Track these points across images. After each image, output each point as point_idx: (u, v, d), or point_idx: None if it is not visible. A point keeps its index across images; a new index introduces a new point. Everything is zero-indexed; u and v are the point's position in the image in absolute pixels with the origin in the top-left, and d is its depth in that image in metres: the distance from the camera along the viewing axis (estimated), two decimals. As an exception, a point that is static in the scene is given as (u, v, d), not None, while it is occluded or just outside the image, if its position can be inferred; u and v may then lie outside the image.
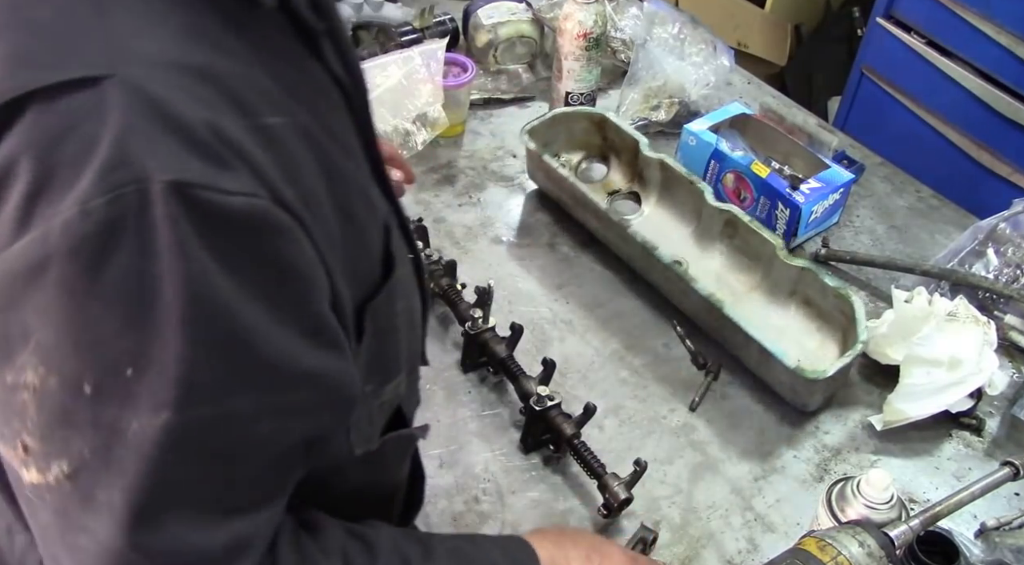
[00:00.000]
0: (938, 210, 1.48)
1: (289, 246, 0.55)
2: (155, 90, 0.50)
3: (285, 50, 0.62)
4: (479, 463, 1.10)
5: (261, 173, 0.53)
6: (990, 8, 1.95)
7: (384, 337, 0.71)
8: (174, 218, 0.49)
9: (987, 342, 1.13)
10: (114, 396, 0.52)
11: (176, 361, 0.52)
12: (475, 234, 1.39)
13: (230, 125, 0.53)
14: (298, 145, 0.58)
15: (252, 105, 0.55)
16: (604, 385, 1.19)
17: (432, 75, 1.45)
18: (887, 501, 0.92)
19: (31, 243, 0.49)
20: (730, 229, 1.30)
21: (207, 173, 0.50)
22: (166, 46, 0.53)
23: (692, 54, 1.56)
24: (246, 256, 0.53)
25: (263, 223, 0.53)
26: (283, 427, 0.60)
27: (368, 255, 0.68)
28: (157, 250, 0.49)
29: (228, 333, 0.53)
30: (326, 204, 0.60)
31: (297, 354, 0.58)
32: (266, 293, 0.54)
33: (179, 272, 0.50)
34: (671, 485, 1.09)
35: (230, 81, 0.54)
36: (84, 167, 0.48)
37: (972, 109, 2.05)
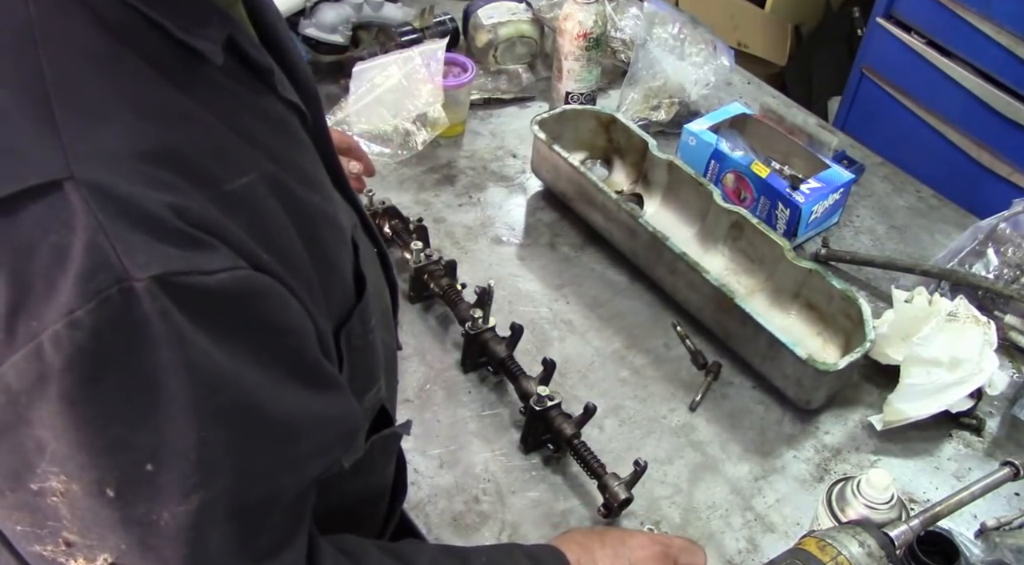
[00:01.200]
0: (938, 210, 1.48)
1: (276, 306, 0.55)
2: (116, 185, 0.49)
3: (238, 95, 0.61)
4: (479, 463, 1.10)
5: (235, 243, 0.53)
6: (990, 8, 1.95)
7: (362, 353, 0.71)
8: (164, 310, 0.49)
9: (987, 342, 1.13)
10: (139, 494, 0.53)
11: (194, 447, 0.52)
12: (475, 234, 1.39)
13: (195, 203, 0.52)
14: (265, 200, 0.58)
15: (213, 174, 0.55)
16: (604, 385, 1.19)
17: (432, 75, 1.45)
18: (887, 501, 0.92)
19: (24, 360, 0.49)
20: (736, 231, 1.30)
21: (185, 259, 0.50)
22: (118, 136, 0.52)
23: (692, 54, 1.56)
24: (239, 327, 0.53)
25: (249, 292, 0.53)
26: (300, 474, 0.62)
27: (340, 283, 0.69)
28: (153, 345, 0.49)
29: (237, 406, 0.54)
30: (298, 249, 0.61)
31: (303, 406, 0.59)
32: (264, 357, 0.55)
33: (179, 361, 0.50)
34: (671, 485, 1.09)
35: (188, 153, 0.54)
36: (61, 277, 0.48)
37: (972, 109, 2.05)
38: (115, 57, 0.53)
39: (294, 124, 0.68)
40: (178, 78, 0.56)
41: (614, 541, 0.89)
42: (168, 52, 0.55)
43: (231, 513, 0.56)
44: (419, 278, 1.24)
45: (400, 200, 1.37)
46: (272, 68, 0.64)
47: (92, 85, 0.52)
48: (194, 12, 0.57)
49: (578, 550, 0.86)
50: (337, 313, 0.68)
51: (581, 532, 0.93)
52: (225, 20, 0.59)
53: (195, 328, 0.51)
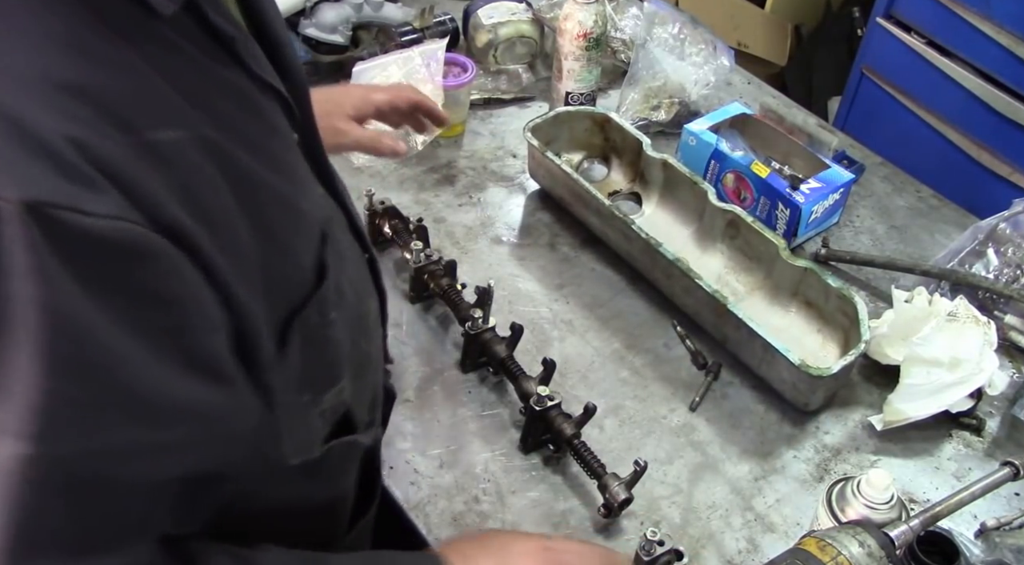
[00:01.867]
0: (938, 210, 1.48)
1: (162, 273, 0.52)
2: (12, 105, 0.47)
3: (194, 58, 0.59)
4: (479, 463, 1.10)
5: (137, 194, 0.50)
6: (990, 8, 1.95)
7: (318, 347, 0.69)
8: (30, 239, 0.46)
9: (987, 342, 1.13)
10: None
11: (38, 392, 0.49)
12: (475, 234, 1.39)
13: (102, 142, 0.50)
14: (197, 160, 0.56)
15: (136, 121, 0.52)
16: (604, 385, 1.19)
17: (432, 75, 1.45)
18: (887, 501, 0.92)
19: None
20: (732, 230, 1.30)
21: (68, 193, 0.47)
22: (34, 59, 0.50)
23: (692, 54, 1.56)
24: (112, 282, 0.50)
25: (131, 249, 0.50)
26: (156, 464, 0.58)
27: (293, 267, 0.66)
28: (12, 273, 0.47)
29: (92, 363, 0.51)
30: (236, 220, 0.58)
31: (171, 387, 0.55)
32: (135, 322, 0.52)
33: (36, 296, 0.48)
34: (671, 485, 1.09)
35: (110, 96, 0.51)
36: None
37: (972, 109, 2.05)
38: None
39: (266, 105, 0.66)
40: (122, 29, 0.54)
41: (497, 549, 0.86)
42: (116, 3, 0.54)
43: (64, 485, 0.53)
44: (419, 278, 1.24)
45: (400, 200, 1.37)
46: (235, 37, 0.62)
47: (17, 20, 0.50)
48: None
49: (460, 560, 0.83)
50: (288, 298, 0.65)
51: (467, 540, 0.90)
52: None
53: (61, 269, 0.48)
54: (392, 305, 1.27)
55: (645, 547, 0.95)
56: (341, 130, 1.16)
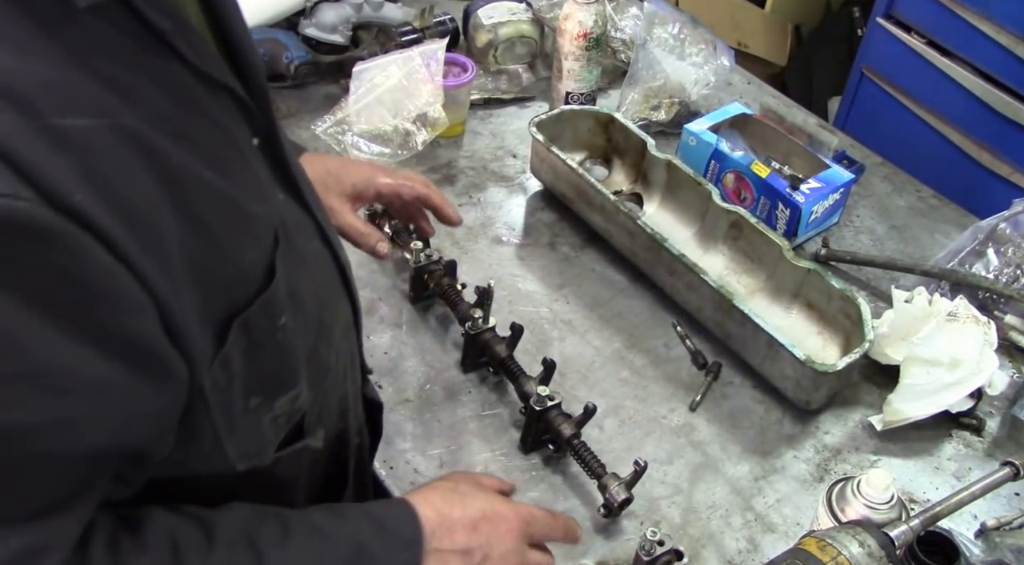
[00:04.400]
0: (938, 210, 1.48)
1: (65, 252, 0.52)
2: None
3: (122, 49, 0.59)
4: (479, 463, 1.10)
5: (36, 175, 0.51)
6: (990, 8, 1.95)
7: (264, 351, 0.68)
8: None
9: (987, 342, 1.13)
10: None
11: None
12: (475, 234, 1.39)
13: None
14: (114, 149, 0.56)
15: (42, 105, 0.52)
16: (604, 385, 1.19)
17: (432, 75, 1.45)
18: (887, 501, 0.92)
19: None
20: (735, 231, 1.30)
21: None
22: None
23: (692, 54, 1.56)
24: (9, 262, 0.51)
25: (25, 227, 0.50)
26: (71, 438, 0.58)
27: (234, 268, 0.65)
28: None
29: (6, 344, 0.52)
30: (159, 213, 0.58)
31: (81, 363, 0.56)
32: (38, 301, 0.52)
33: None
34: (671, 485, 1.09)
35: (14, 81, 0.52)
36: None
37: (972, 109, 2.05)
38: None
39: (211, 102, 0.65)
40: (39, 14, 0.54)
41: (475, 510, 0.83)
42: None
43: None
44: (419, 278, 1.24)
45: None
46: (167, 30, 0.61)
47: None
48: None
49: (434, 516, 0.80)
50: (229, 298, 0.65)
51: (441, 491, 0.85)
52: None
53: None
54: (392, 305, 1.27)
55: (645, 547, 0.95)
56: (333, 209, 1.10)
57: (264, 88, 0.72)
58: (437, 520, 0.80)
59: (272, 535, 0.71)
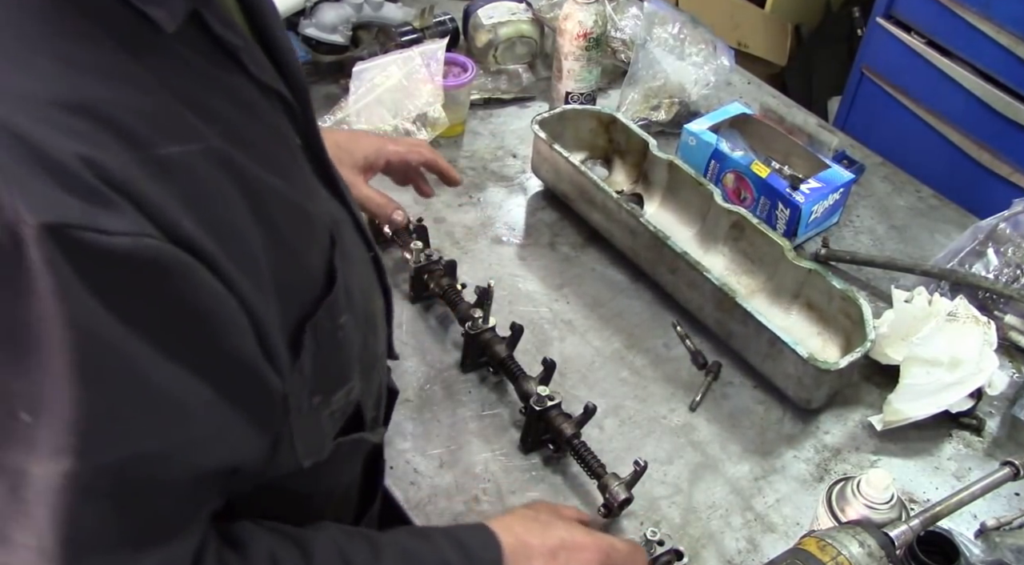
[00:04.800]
0: (938, 210, 1.48)
1: (185, 285, 0.53)
2: (25, 127, 0.48)
3: (199, 69, 0.59)
4: (479, 463, 1.10)
5: (151, 209, 0.51)
6: (990, 8, 1.95)
7: (329, 351, 0.69)
8: (52, 261, 0.47)
9: (987, 342, 1.13)
10: (13, 442, 0.51)
11: (70, 405, 0.51)
12: (475, 234, 1.39)
13: (113, 160, 0.50)
14: (208, 172, 0.56)
15: (144, 136, 0.53)
16: (604, 385, 1.19)
17: (432, 75, 1.45)
18: (887, 501, 0.92)
19: None
20: (736, 231, 1.30)
21: (86, 213, 0.48)
22: (38, 81, 0.50)
23: (692, 54, 1.56)
24: (136, 297, 0.51)
25: (153, 264, 0.51)
26: (189, 462, 0.59)
27: (304, 273, 0.67)
28: (37, 294, 0.48)
29: (122, 376, 0.52)
30: (248, 229, 0.59)
31: (200, 390, 0.57)
32: (160, 333, 0.53)
33: (62, 315, 0.48)
34: (671, 485, 1.09)
35: (116, 112, 0.52)
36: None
37: (972, 109, 2.05)
38: (55, 8, 0.52)
39: (267, 109, 0.66)
40: (129, 43, 0.54)
41: (555, 539, 0.85)
42: (121, 17, 0.54)
43: (110, 490, 0.54)
44: (419, 278, 1.24)
45: (400, 200, 1.37)
46: (239, 46, 0.62)
47: (23, 32, 0.51)
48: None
49: (514, 542, 0.81)
50: (300, 304, 0.66)
51: (523, 519, 0.87)
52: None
53: (84, 286, 0.49)
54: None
55: (645, 547, 0.95)
56: (348, 181, 1.12)
57: (305, 88, 0.73)
58: (516, 546, 0.82)
59: (364, 556, 0.73)
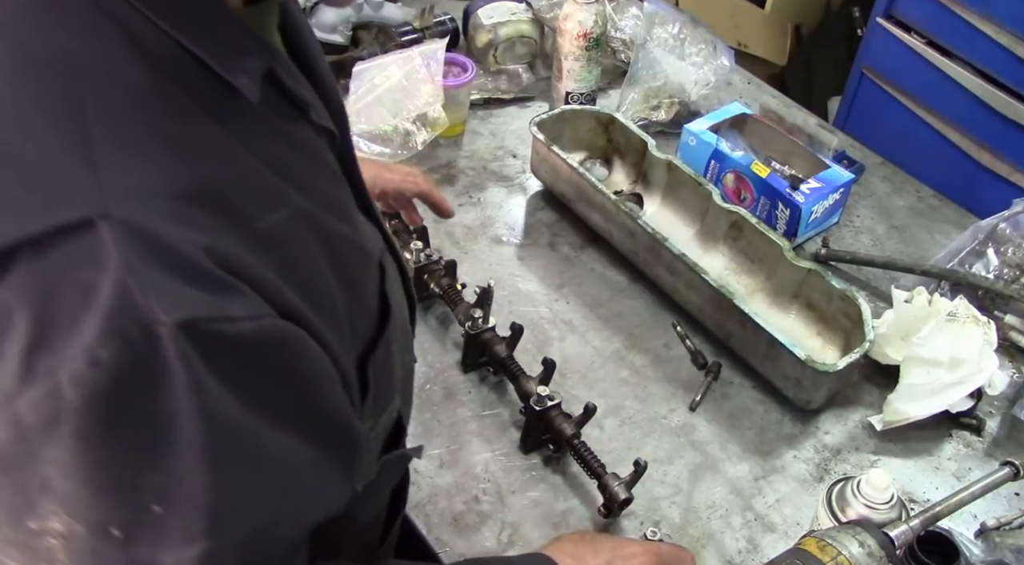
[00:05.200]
0: (938, 210, 1.48)
1: (295, 356, 0.55)
2: (150, 225, 0.48)
3: (273, 126, 0.60)
4: (479, 463, 1.10)
5: (264, 287, 0.52)
6: (990, 8, 1.95)
7: (383, 380, 0.70)
8: (185, 356, 0.48)
9: (987, 342, 1.13)
10: (144, 535, 0.51)
11: (203, 492, 0.51)
12: (475, 234, 1.39)
13: (229, 245, 0.51)
14: (297, 236, 0.57)
15: (246, 211, 0.53)
16: (604, 385, 1.19)
17: (432, 75, 1.45)
18: (887, 501, 0.92)
19: (40, 398, 0.47)
20: (735, 231, 1.30)
21: (213, 304, 0.49)
22: (155, 172, 0.50)
23: (692, 54, 1.56)
24: (255, 376, 0.53)
25: (270, 342, 0.52)
26: (300, 523, 0.61)
27: (365, 311, 0.67)
28: (172, 390, 0.48)
29: (247, 455, 0.54)
30: (329, 284, 0.60)
31: (305, 455, 0.58)
32: (275, 408, 0.55)
33: (195, 406, 0.49)
34: (671, 485, 1.09)
35: (223, 191, 0.53)
36: (86, 315, 0.46)
37: (972, 109, 2.04)
38: (155, 89, 0.52)
39: (325, 151, 0.66)
40: (215, 111, 0.54)
41: (607, 551, 0.88)
42: (206, 84, 0.54)
43: (238, 562, 0.56)
44: (419, 278, 1.24)
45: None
46: (309, 101, 0.63)
47: (131, 118, 0.51)
48: (233, 42, 0.55)
49: (570, 561, 0.85)
50: (364, 342, 0.67)
51: (573, 540, 0.91)
52: (264, 49, 0.58)
53: (213, 374, 0.50)
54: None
55: None
56: None
57: (345, 115, 0.73)
58: (573, 563, 0.84)
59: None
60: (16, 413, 0.48)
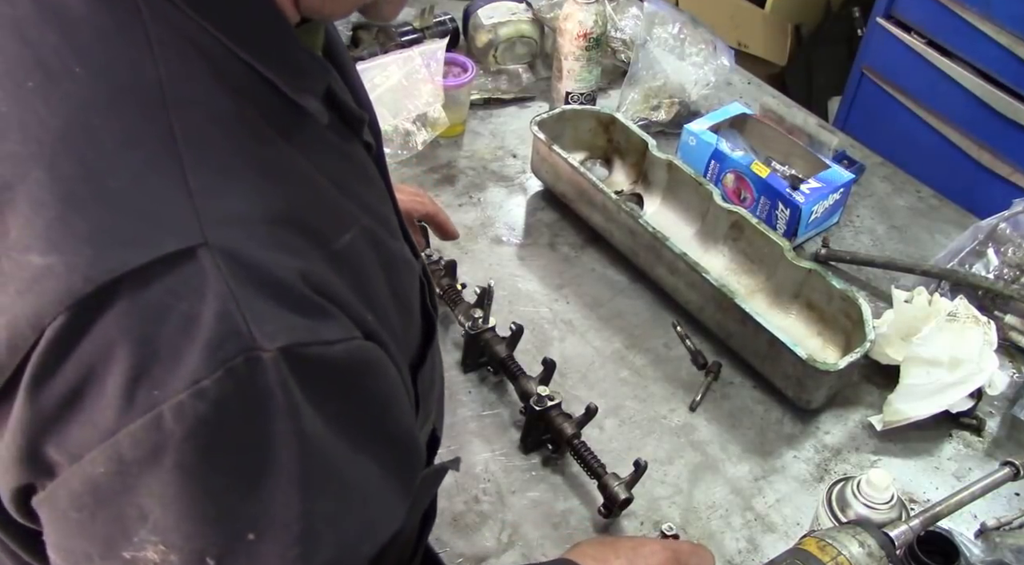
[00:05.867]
0: (938, 210, 1.48)
1: (379, 377, 0.55)
2: (248, 251, 0.49)
3: (335, 147, 0.61)
4: (479, 463, 1.10)
5: (349, 308, 0.53)
6: (990, 8, 1.95)
7: (427, 395, 0.71)
8: (285, 382, 0.48)
9: (987, 342, 1.13)
10: (238, 563, 0.51)
11: (297, 518, 0.51)
12: (475, 234, 1.39)
13: (318, 267, 0.52)
14: (365, 254, 0.58)
15: (325, 232, 0.54)
16: (604, 385, 1.19)
17: (432, 75, 1.45)
18: (887, 501, 0.92)
19: (142, 430, 0.47)
20: (735, 231, 1.30)
21: (311, 329, 0.49)
22: (247, 198, 0.51)
23: (692, 54, 1.56)
24: (345, 398, 0.53)
25: (360, 363, 0.53)
26: (374, 541, 0.60)
27: (414, 326, 0.68)
28: (272, 415, 0.48)
29: (337, 478, 0.54)
30: (389, 303, 0.60)
31: (384, 478, 0.58)
32: (360, 429, 0.55)
33: (292, 432, 0.49)
34: (671, 485, 1.09)
35: (306, 213, 0.53)
36: (189, 345, 0.46)
37: (972, 109, 2.05)
38: (239, 114, 0.52)
39: (371, 166, 0.67)
40: (287, 133, 0.55)
41: (627, 551, 0.88)
42: (277, 108, 0.55)
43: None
44: (419, 278, 1.24)
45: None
46: (364, 118, 0.63)
47: (220, 146, 0.51)
48: (298, 63, 0.56)
49: (592, 563, 0.85)
50: (411, 358, 0.67)
51: (593, 545, 0.91)
52: (322, 68, 0.58)
53: (308, 401, 0.50)
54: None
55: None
56: None
57: (379, 130, 0.73)
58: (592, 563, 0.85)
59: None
60: (118, 447, 0.47)
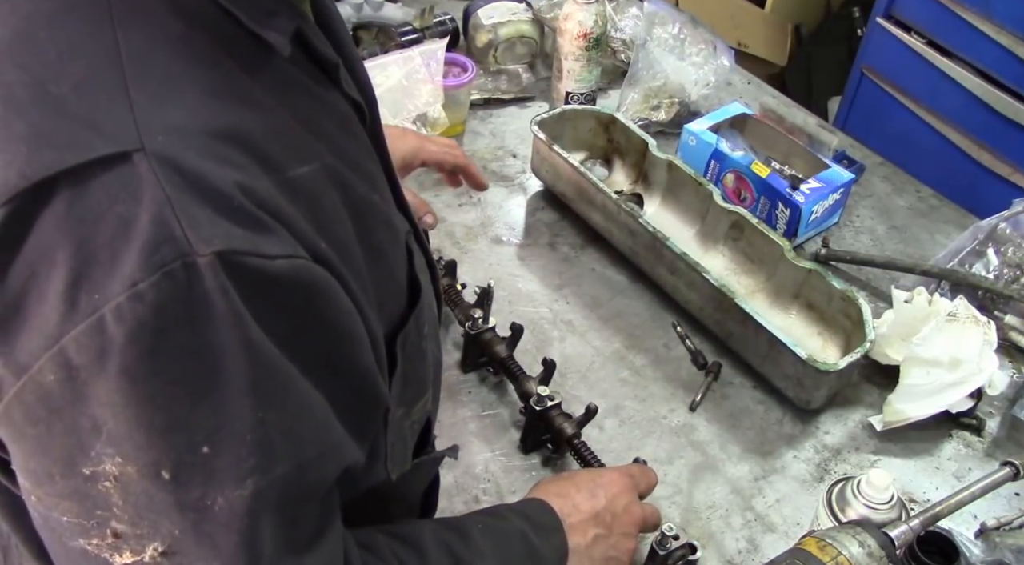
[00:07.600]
0: (938, 210, 1.48)
1: (327, 301, 0.55)
2: (186, 159, 0.49)
3: (305, 87, 0.61)
4: (479, 463, 1.10)
5: (296, 230, 0.53)
6: (990, 8, 1.95)
7: (415, 361, 0.71)
8: (224, 288, 0.49)
9: (987, 342, 1.13)
10: (194, 477, 0.52)
11: (250, 429, 0.52)
12: (475, 234, 1.39)
13: (261, 185, 0.52)
14: (326, 192, 0.58)
15: (278, 159, 0.54)
16: (604, 385, 1.19)
17: (432, 75, 1.45)
18: (887, 501, 0.92)
19: (86, 334, 0.47)
20: (735, 231, 1.30)
21: (249, 239, 0.50)
22: (191, 111, 0.52)
23: (692, 54, 1.56)
24: (289, 315, 0.53)
25: (304, 282, 0.53)
26: (332, 465, 0.61)
27: (395, 287, 0.68)
28: (213, 322, 0.49)
29: (288, 390, 0.54)
30: (355, 247, 0.60)
31: (335, 405, 0.59)
32: (309, 352, 0.55)
33: (237, 341, 0.50)
34: (671, 485, 1.09)
35: (256, 136, 0.54)
36: (125, 248, 0.47)
37: (972, 109, 2.05)
38: (188, 38, 0.54)
39: (356, 122, 0.68)
40: (247, 65, 0.56)
41: (587, 482, 0.92)
42: (238, 40, 0.56)
43: (280, 502, 0.56)
44: (419, 278, 1.24)
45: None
46: (338, 62, 0.64)
47: (164, 63, 0.53)
48: (265, 4, 0.57)
49: (557, 499, 0.89)
50: (391, 318, 0.67)
51: (553, 481, 0.94)
52: (294, 13, 0.59)
53: (252, 312, 0.50)
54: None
55: (661, 541, 0.95)
56: None
57: (374, 96, 0.75)
58: (561, 503, 0.89)
59: (458, 542, 0.77)
60: (64, 352, 0.48)
